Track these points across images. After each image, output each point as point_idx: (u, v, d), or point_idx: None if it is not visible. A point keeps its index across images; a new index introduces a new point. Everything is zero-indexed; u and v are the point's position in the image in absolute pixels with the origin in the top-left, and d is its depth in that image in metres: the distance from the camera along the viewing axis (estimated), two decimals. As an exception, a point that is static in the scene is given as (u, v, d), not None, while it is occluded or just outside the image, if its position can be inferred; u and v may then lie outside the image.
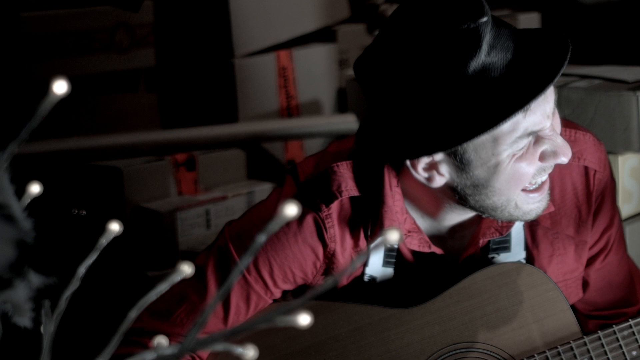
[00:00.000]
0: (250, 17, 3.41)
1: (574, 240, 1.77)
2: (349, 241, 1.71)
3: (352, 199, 1.71)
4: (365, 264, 1.73)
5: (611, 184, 1.81)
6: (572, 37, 1.67)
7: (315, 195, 1.71)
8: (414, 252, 1.73)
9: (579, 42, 3.91)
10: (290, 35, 3.52)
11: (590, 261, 1.81)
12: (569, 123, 1.82)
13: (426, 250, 1.71)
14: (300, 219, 1.69)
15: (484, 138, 1.57)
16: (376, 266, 1.73)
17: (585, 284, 1.83)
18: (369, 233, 1.71)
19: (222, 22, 3.36)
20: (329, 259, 1.71)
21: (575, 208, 1.77)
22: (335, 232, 1.70)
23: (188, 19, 3.43)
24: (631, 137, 2.46)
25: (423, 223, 1.73)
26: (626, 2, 3.96)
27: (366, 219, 1.71)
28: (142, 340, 1.70)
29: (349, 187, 1.70)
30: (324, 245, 1.70)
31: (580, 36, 3.90)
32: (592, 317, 1.85)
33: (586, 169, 1.77)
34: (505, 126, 1.57)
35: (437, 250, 1.72)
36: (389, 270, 1.74)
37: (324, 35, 3.60)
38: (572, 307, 1.83)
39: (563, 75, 2.73)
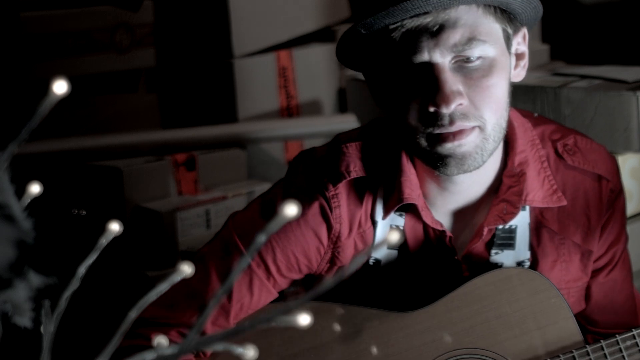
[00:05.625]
0: (250, 17, 3.41)
1: (580, 249, 1.75)
2: (355, 224, 1.70)
3: (357, 180, 1.70)
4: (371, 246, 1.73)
5: (622, 199, 1.80)
6: (572, 37, 1.66)
7: (323, 174, 1.71)
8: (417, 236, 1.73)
9: (579, 42, 3.91)
10: (290, 35, 3.52)
11: (594, 274, 1.79)
12: (584, 135, 1.81)
13: (438, 227, 1.70)
14: (303, 202, 1.69)
15: None
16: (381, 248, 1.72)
17: (587, 298, 1.81)
18: (382, 206, 1.70)
19: (221, 22, 3.36)
20: (334, 242, 1.71)
21: (585, 215, 1.75)
22: (342, 212, 1.69)
23: (188, 19, 3.44)
24: (631, 137, 2.46)
25: (436, 200, 1.71)
26: (626, 2, 3.96)
27: (376, 194, 1.70)
28: (145, 332, 1.69)
29: (357, 168, 1.70)
30: (329, 226, 1.70)
31: (580, 36, 3.90)
32: (590, 333, 1.82)
33: (599, 177, 1.77)
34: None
35: (447, 232, 1.70)
36: (394, 253, 1.73)
37: (324, 35, 3.60)
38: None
39: (563, 75, 2.73)
